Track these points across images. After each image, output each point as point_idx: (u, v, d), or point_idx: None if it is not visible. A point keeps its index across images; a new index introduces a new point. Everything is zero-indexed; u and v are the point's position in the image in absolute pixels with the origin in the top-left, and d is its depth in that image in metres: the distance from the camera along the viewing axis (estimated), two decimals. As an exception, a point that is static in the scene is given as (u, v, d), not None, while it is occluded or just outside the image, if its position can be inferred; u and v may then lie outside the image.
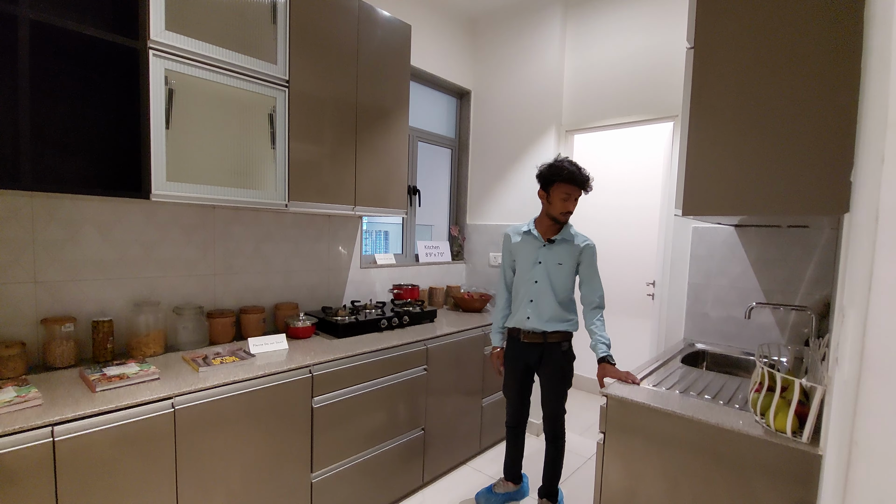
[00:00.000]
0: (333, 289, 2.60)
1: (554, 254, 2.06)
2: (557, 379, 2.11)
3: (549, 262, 2.06)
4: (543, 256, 2.07)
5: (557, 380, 2.11)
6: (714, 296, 2.33)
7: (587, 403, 3.80)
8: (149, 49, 1.49)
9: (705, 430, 1.35)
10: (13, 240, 1.54)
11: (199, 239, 2.00)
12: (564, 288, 2.07)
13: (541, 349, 2.10)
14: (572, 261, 2.06)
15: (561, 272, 2.06)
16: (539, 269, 2.07)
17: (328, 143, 2.09)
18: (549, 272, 2.06)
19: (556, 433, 2.18)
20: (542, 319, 2.06)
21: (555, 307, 2.06)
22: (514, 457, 2.33)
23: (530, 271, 2.09)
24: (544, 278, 2.06)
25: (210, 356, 1.75)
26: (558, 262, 2.05)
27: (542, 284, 2.06)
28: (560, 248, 2.06)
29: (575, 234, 2.08)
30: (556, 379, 2.11)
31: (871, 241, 0.59)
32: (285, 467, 1.75)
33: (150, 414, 1.38)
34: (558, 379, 2.12)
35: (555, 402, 2.14)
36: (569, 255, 2.06)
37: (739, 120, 1.31)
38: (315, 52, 2.00)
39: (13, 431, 1.15)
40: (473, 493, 2.39)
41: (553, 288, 2.06)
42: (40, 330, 1.60)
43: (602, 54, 2.86)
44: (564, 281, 2.07)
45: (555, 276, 2.05)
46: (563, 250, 2.05)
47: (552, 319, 2.06)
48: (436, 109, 3.34)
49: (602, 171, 3.95)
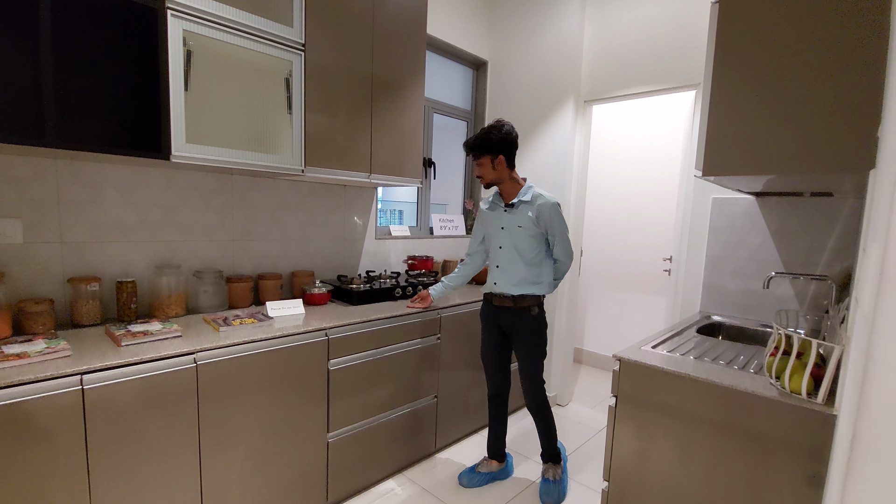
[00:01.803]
0: (349, 258, 2.63)
1: (514, 217, 2.03)
2: (530, 346, 2.10)
3: (510, 227, 2.04)
4: (506, 221, 2.06)
5: (530, 347, 2.10)
6: (732, 268, 2.29)
7: (596, 378, 3.82)
8: (167, 9, 1.50)
9: (718, 392, 1.35)
10: (39, 200, 1.59)
11: (218, 204, 2.04)
12: (529, 250, 2.04)
13: (511, 314, 2.08)
14: (532, 222, 2.01)
15: (523, 235, 2.02)
16: (503, 234, 2.06)
17: (344, 110, 2.09)
18: (512, 236, 2.04)
19: (539, 406, 2.16)
20: (510, 283, 2.05)
21: (522, 270, 2.04)
22: (496, 433, 2.29)
23: (496, 237, 2.09)
24: (508, 243, 2.05)
25: (230, 318, 1.80)
26: (518, 224, 2.02)
27: (507, 250, 2.05)
28: (519, 211, 2.03)
29: (535, 195, 2.02)
30: (528, 347, 2.10)
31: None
32: (302, 426, 1.80)
33: (173, 368, 1.43)
34: (531, 346, 2.10)
35: (531, 370, 2.11)
36: (527, 217, 2.01)
37: (764, 75, 1.27)
38: (331, 17, 1.98)
39: (45, 378, 1.20)
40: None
41: (518, 251, 2.04)
42: (67, 289, 1.66)
43: (623, 22, 2.78)
44: (528, 243, 2.03)
45: (518, 239, 2.03)
46: (522, 212, 2.02)
47: (520, 283, 2.04)
48: (452, 81, 3.30)
49: (619, 143, 3.89)
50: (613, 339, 4.00)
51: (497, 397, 2.25)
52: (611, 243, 3.98)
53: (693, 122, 2.55)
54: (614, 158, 3.92)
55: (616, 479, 1.60)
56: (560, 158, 3.00)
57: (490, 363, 2.22)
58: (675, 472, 1.45)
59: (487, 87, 3.37)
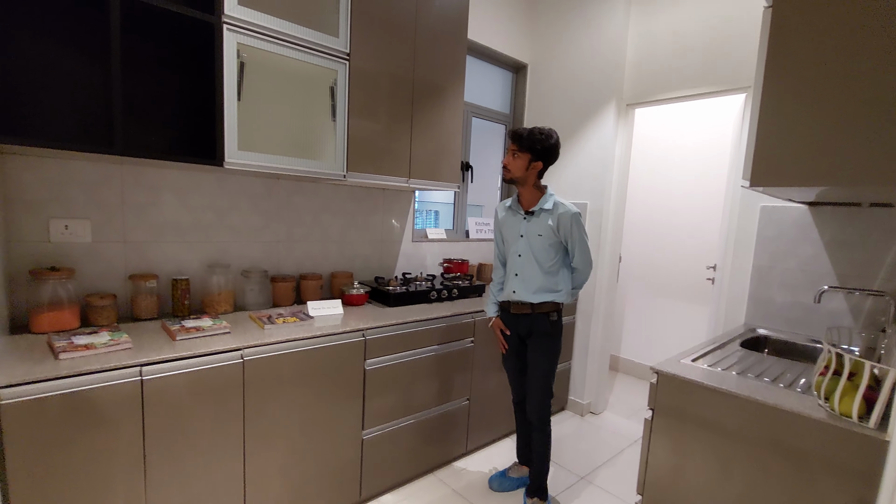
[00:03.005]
0: (386, 260, 2.69)
1: (534, 225, 1.98)
2: (543, 350, 2.03)
3: (529, 235, 1.99)
4: (525, 229, 2.01)
5: (542, 351, 2.03)
6: (781, 279, 2.20)
7: (633, 387, 3.73)
8: (223, 23, 1.59)
9: (762, 411, 1.31)
10: (106, 203, 1.72)
11: (264, 208, 2.13)
12: (548, 258, 1.98)
13: (529, 319, 2.04)
14: (551, 231, 1.96)
15: (542, 243, 1.97)
16: (521, 242, 2.01)
17: (385, 115, 2.14)
18: (530, 245, 1.99)
19: (542, 416, 2.06)
20: (528, 291, 2.00)
21: (541, 279, 1.99)
22: (524, 439, 2.26)
23: (514, 245, 2.04)
24: (527, 251, 2.00)
25: (273, 316, 1.88)
26: (538, 233, 1.97)
27: (526, 258, 2.00)
28: (539, 219, 1.97)
29: (556, 204, 1.97)
30: (540, 350, 2.03)
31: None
32: (339, 422, 1.86)
33: (223, 363, 1.51)
34: (544, 350, 2.03)
35: (541, 376, 2.04)
36: (547, 226, 1.96)
37: (819, 80, 1.22)
38: (375, 26, 2.04)
39: (110, 368, 1.30)
40: (516, 464, 2.44)
41: (537, 260, 1.99)
42: (128, 285, 1.78)
43: (670, 23, 2.71)
44: (547, 252, 1.98)
45: (536, 248, 1.98)
46: (541, 221, 1.97)
47: (539, 290, 2.00)
48: (491, 84, 3.31)
49: (662, 146, 3.79)
50: (652, 347, 3.90)
51: (522, 403, 2.22)
52: (651, 249, 3.88)
53: (742, 127, 2.46)
54: (657, 162, 3.82)
55: (650, 493, 1.57)
56: (600, 163, 2.95)
57: (511, 370, 2.19)
58: (713, 490, 1.41)
59: (527, 90, 3.36)
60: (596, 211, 2.99)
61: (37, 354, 1.33)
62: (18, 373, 1.20)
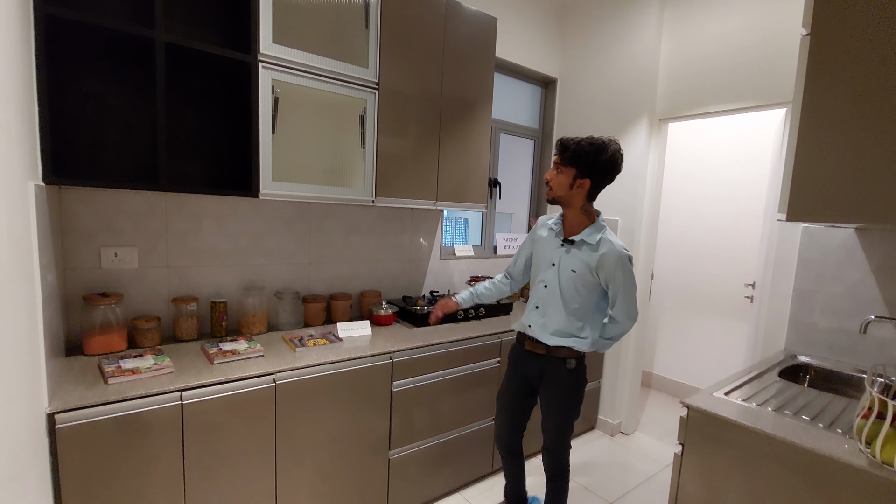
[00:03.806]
0: (414, 278, 2.72)
1: (570, 258, 1.68)
2: (559, 403, 1.76)
3: (563, 267, 1.70)
4: (559, 258, 1.71)
5: (559, 404, 1.76)
6: (824, 304, 2.10)
7: (666, 405, 3.63)
8: (258, 61, 1.66)
9: (798, 453, 1.26)
10: (152, 231, 1.82)
11: (297, 231, 2.21)
12: (577, 299, 1.69)
13: (543, 362, 1.76)
14: (588, 270, 1.65)
15: (573, 281, 1.67)
16: (551, 272, 1.72)
17: (413, 140, 2.18)
18: (559, 278, 1.70)
19: (556, 470, 1.84)
20: (545, 331, 1.73)
21: (563, 320, 1.71)
22: (513, 482, 2.01)
23: (543, 272, 1.76)
24: (554, 284, 1.71)
25: (304, 337, 1.95)
26: (572, 268, 1.67)
27: (552, 291, 1.72)
28: (579, 253, 1.67)
29: (603, 240, 1.64)
30: (557, 403, 1.76)
31: None
32: (366, 443, 1.90)
33: (257, 387, 1.58)
34: (560, 403, 1.76)
35: (555, 430, 1.79)
36: (585, 263, 1.66)
37: (861, 110, 1.17)
38: (403, 53, 2.08)
39: (153, 393, 1.39)
40: (542, 484, 2.41)
41: (563, 298, 1.70)
42: (171, 308, 1.89)
43: (705, 35, 2.64)
44: (577, 292, 1.68)
45: (566, 284, 1.69)
46: (580, 255, 1.67)
47: (557, 333, 1.72)
48: (519, 99, 3.30)
49: (697, 162, 3.68)
50: (687, 363, 3.78)
51: (504, 450, 1.96)
52: (686, 264, 3.77)
53: (783, 142, 2.37)
54: (691, 176, 3.71)
55: (680, 530, 1.53)
56: (632, 178, 2.90)
57: (505, 410, 1.92)
58: (746, 533, 1.37)
59: (556, 104, 3.34)
60: (627, 228, 2.93)
61: (89, 378, 1.43)
62: (73, 398, 1.29)
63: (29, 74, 1.21)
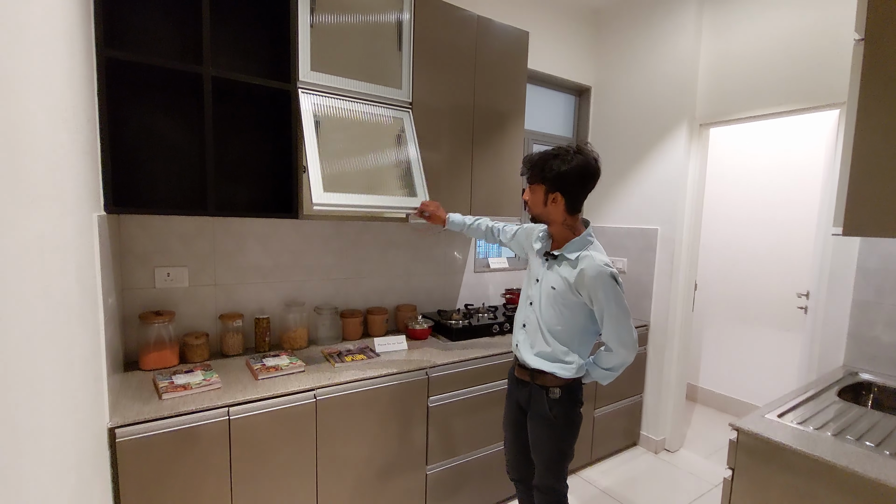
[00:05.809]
0: (448, 291, 2.74)
1: (551, 274, 1.56)
2: (544, 438, 1.60)
3: (545, 283, 1.57)
4: (543, 274, 1.59)
5: (544, 439, 1.60)
6: (889, 317, 1.96)
7: (713, 420, 3.46)
8: (298, 89, 1.73)
9: (862, 484, 1.18)
10: (201, 252, 1.92)
11: (335, 247, 2.27)
12: (557, 320, 1.54)
13: (529, 391, 1.63)
14: (568, 287, 1.50)
15: (551, 299, 1.54)
16: (535, 288, 1.61)
17: (446, 155, 2.20)
18: (541, 295, 1.58)
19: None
20: (528, 351, 1.61)
21: (541, 342, 1.57)
22: None
23: (529, 288, 1.65)
24: (538, 301, 1.59)
25: (343, 352, 1.99)
26: (552, 285, 1.54)
27: (535, 309, 1.60)
28: (559, 268, 1.54)
29: (582, 255, 1.48)
30: (542, 438, 1.60)
31: None
32: (403, 457, 1.92)
33: (298, 402, 1.63)
34: (544, 438, 1.60)
35: (541, 468, 1.63)
36: (564, 279, 1.51)
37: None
38: (435, 72, 2.11)
39: (203, 409, 1.45)
40: (583, 501, 2.35)
41: (543, 316, 1.57)
42: (218, 324, 1.97)
43: (747, 37, 2.54)
44: (558, 312, 1.53)
45: (546, 302, 1.56)
46: (560, 271, 1.53)
47: (540, 355, 1.58)
48: (552, 109, 3.27)
49: (742, 166, 3.53)
50: (735, 376, 3.61)
51: (519, 482, 1.81)
52: (733, 273, 3.61)
53: (836, 145, 2.24)
54: (737, 180, 3.57)
55: (731, 560, 1.46)
56: (672, 185, 2.81)
57: (506, 437, 1.81)
58: (805, 567, 1.29)
59: (591, 113, 3.29)
60: (667, 237, 2.84)
61: (145, 394, 1.52)
62: (131, 413, 1.37)
63: (92, 112, 1.31)
